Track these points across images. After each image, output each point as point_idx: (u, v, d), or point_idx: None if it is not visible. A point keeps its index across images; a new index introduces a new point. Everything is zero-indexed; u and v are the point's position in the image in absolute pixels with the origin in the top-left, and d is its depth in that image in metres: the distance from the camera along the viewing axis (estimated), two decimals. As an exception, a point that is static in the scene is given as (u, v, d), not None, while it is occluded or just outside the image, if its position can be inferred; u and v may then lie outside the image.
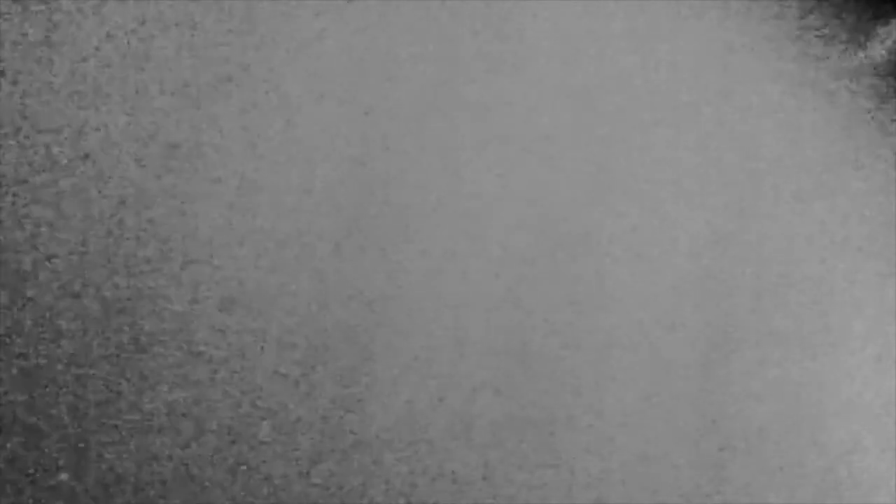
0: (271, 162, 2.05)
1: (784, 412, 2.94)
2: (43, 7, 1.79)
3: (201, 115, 1.97)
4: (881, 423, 3.21)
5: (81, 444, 1.80)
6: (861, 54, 3.17)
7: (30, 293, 1.76)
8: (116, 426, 1.84)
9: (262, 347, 2.02)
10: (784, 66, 3.04)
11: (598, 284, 2.55)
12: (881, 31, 3.12)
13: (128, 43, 1.89)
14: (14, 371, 1.75)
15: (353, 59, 2.18)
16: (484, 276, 2.36)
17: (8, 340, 1.74)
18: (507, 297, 2.39)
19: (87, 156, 1.83)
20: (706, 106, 2.82)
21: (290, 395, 2.05)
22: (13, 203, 1.75)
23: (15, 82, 1.76)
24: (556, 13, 2.52)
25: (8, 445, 1.74)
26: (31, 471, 1.75)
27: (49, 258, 1.78)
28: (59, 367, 1.79)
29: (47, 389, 1.78)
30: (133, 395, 1.86)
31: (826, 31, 3.14)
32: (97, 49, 1.85)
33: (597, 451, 2.51)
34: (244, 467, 1.98)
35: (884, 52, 3.11)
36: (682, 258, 2.73)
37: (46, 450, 1.77)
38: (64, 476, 1.77)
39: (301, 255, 2.09)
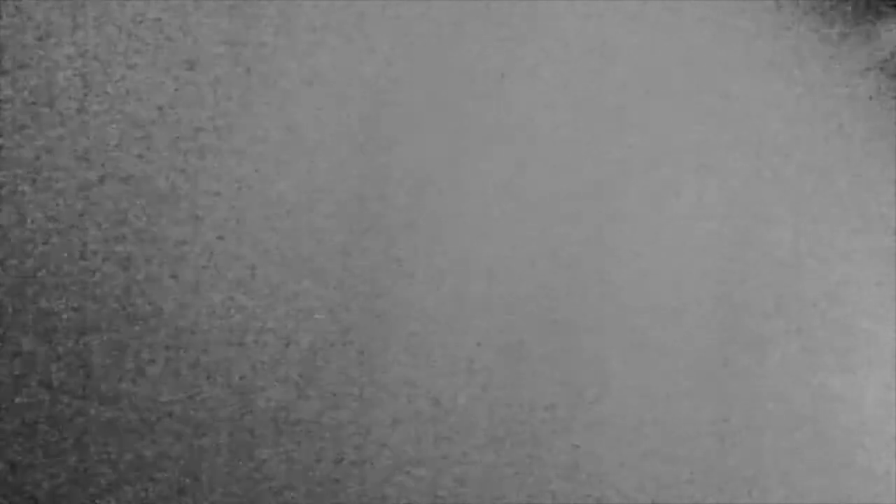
0: (273, 162, 2.05)
1: (787, 411, 2.94)
2: (43, 6, 1.79)
3: (202, 115, 1.97)
4: (882, 422, 3.20)
5: (81, 444, 1.81)
6: (865, 53, 3.16)
7: (30, 293, 1.76)
8: (116, 426, 1.84)
9: (263, 347, 2.02)
10: (786, 66, 3.04)
11: (601, 284, 2.55)
12: (885, 29, 3.11)
13: (127, 43, 1.89)
14: (14, 371, 1.75)
15: (356, 59, 2.18)
16: (485, 276, 2.36)
17: (8, 340, 1.74)
18: (507, 296, 2.39)
19: (85, 154, 1.84)
20: (708, 106, 2.82)
21: (291, 395, 2.05)
22: (13, 203, 1.75)
23: (14, 81, 1.76)
24: (557, 14, 2.52)
25: (8, 445, 1.74)
26: (31, 471, 1.75)
27: (49, 258, 1.78)
28: (60, 366, 1.79)
29: (47, 389, 1.78)
30: (133, 395, 1.86)
31: (830, 30, 3.13)
32: (96, 49, 1.85)
33: (599, 450, 2.51)
34: (244, 467, 1.98)
35: (887, 50, 3.11)
36: (684, 258, 2.72)
37: (46, 450, 1.77)
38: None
39: (302, 255, 2.09)
